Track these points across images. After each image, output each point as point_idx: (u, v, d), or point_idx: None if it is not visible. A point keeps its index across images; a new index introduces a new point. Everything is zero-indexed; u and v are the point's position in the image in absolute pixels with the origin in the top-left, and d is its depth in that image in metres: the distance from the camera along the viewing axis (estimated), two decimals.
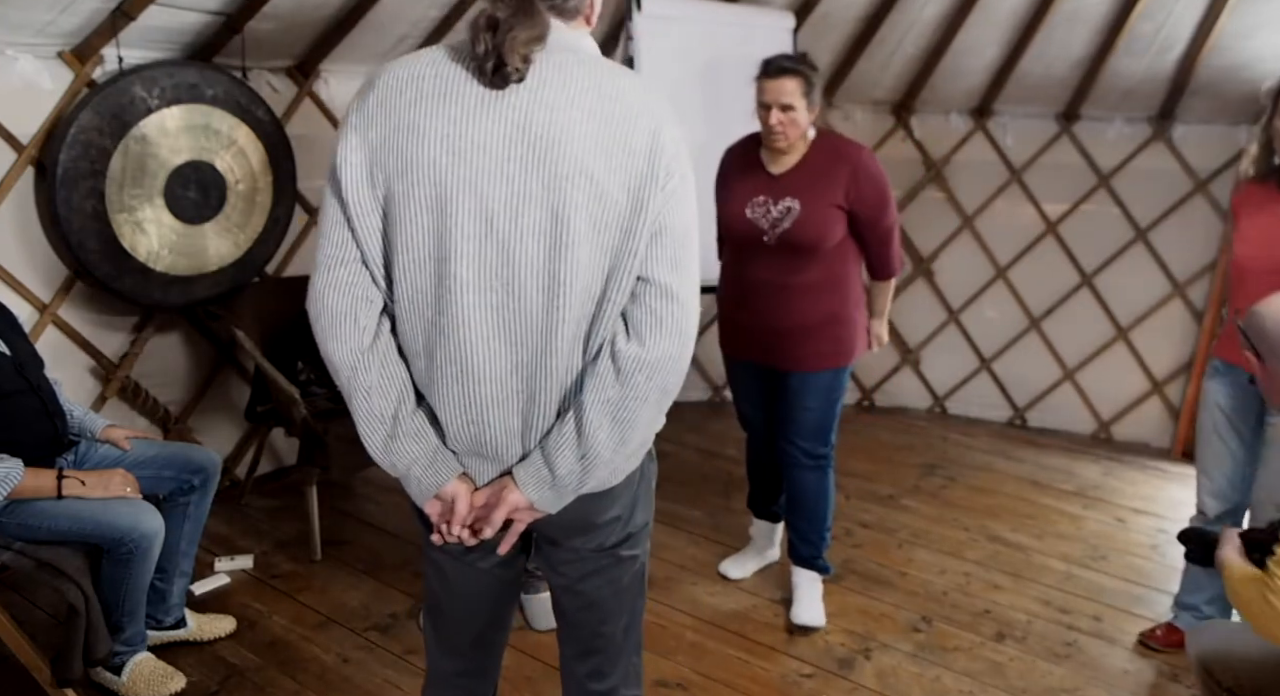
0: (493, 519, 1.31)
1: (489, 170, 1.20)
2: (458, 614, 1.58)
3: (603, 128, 1.20)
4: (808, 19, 4.04)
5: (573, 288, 1.22)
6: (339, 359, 1.28)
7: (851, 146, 2.55)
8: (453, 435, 1.33)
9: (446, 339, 1.26)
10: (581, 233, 1.20)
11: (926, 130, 4.58)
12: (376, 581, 2.95)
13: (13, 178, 2.69)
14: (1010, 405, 4.69)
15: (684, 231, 1.26)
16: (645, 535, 1.53)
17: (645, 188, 1.21)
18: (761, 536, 3.11)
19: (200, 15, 2.84)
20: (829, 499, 2.79)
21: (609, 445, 1.27)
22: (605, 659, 1.58)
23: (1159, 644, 2.73)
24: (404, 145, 1.21)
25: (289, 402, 2.94)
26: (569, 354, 1.27)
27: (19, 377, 2.21)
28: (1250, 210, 2.42)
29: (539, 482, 1.30)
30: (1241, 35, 3.63)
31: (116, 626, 2.25)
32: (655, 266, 1.24)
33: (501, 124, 1.20)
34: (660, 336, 1.25)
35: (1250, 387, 2.34)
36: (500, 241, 1.22)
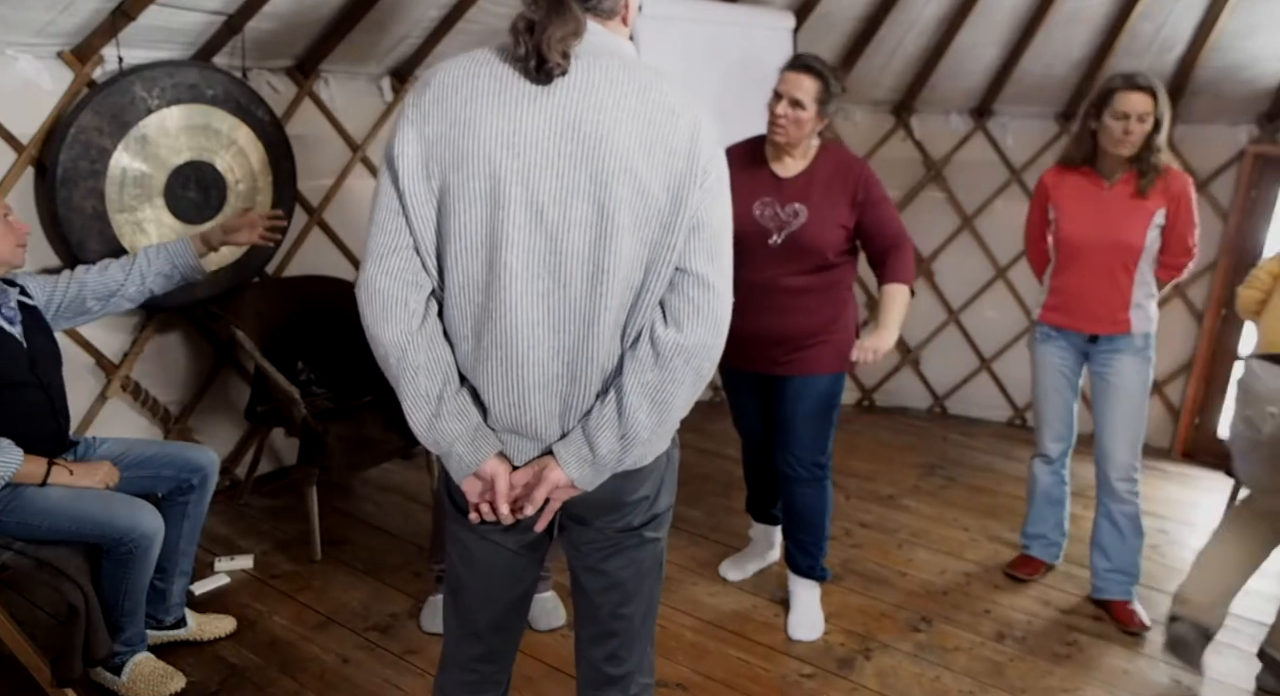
0: (534, 496, 1.37)
1: (540, 164, 1.27)
2: (479, 593, 1.60)
3: (646, 128, 1.27)
4: (808, 19, 4.04)
5: (615, 277, 1.29)
6: (389, 340, 1.34)
7: (855, 158, 2.59)
8: (495, 415, 1.38)
9: (494, 323, 1.32)
10: (624, 226, 1.28)
11: (926, 130, 4.58)
12: (376, 581, 2.95)
13: (13, 178, 2.69)
14: (1010, 405, 4.69)
15: (720, 226, 1.35)
16: (667, 519, 1.58)
17: (685, 186, 1.29)
18: (761, 539, 3.11)
19: (200, 15, 2.84)
20: (827, 511, 2.76)
21: (648, 425, 1.34)
22: (622, 643, 1.60)
23: (1021, 573, 3.12)
24: (460, 139, 1.28)
25: (289, 402, 2.94)
26: (609, 340, 1.34)
27: (30, 372, 2.21)
28: (1064, 196, 2.78)
29: (580, 461, 1.35)
30: (1241, 35, 3.64)
31: (116, 626, 2.25)
32: (693, 258, 1.32)
33: (552, 121, 1.27)
34: (697, 323, 1.33)
35: (1074, 350, 2.86)
36: (549, 232, 1.28)
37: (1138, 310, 2.74)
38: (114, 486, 2.26)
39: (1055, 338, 2.88)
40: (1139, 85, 2.58)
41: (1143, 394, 2.80)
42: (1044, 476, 3.07)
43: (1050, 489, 3.07)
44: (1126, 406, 2.80)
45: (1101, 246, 2.71)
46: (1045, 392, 2.96)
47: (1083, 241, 2.74)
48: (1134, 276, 2.71)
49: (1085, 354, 2.87)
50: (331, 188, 3.59)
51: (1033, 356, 2.97)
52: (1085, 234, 2.73)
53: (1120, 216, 2.69)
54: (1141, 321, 2.75)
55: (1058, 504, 3.10)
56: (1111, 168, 2.70)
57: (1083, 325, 2.81)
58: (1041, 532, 3.13)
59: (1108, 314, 2.75)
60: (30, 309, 2.29)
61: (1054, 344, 2.89)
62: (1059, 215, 2.80)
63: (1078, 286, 2.78)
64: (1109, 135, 2.62)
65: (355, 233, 3.72)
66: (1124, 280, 2.71)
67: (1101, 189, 2.71)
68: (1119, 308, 2.73)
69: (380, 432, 3.12)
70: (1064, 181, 2.80)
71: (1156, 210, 2.67)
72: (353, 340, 3.47)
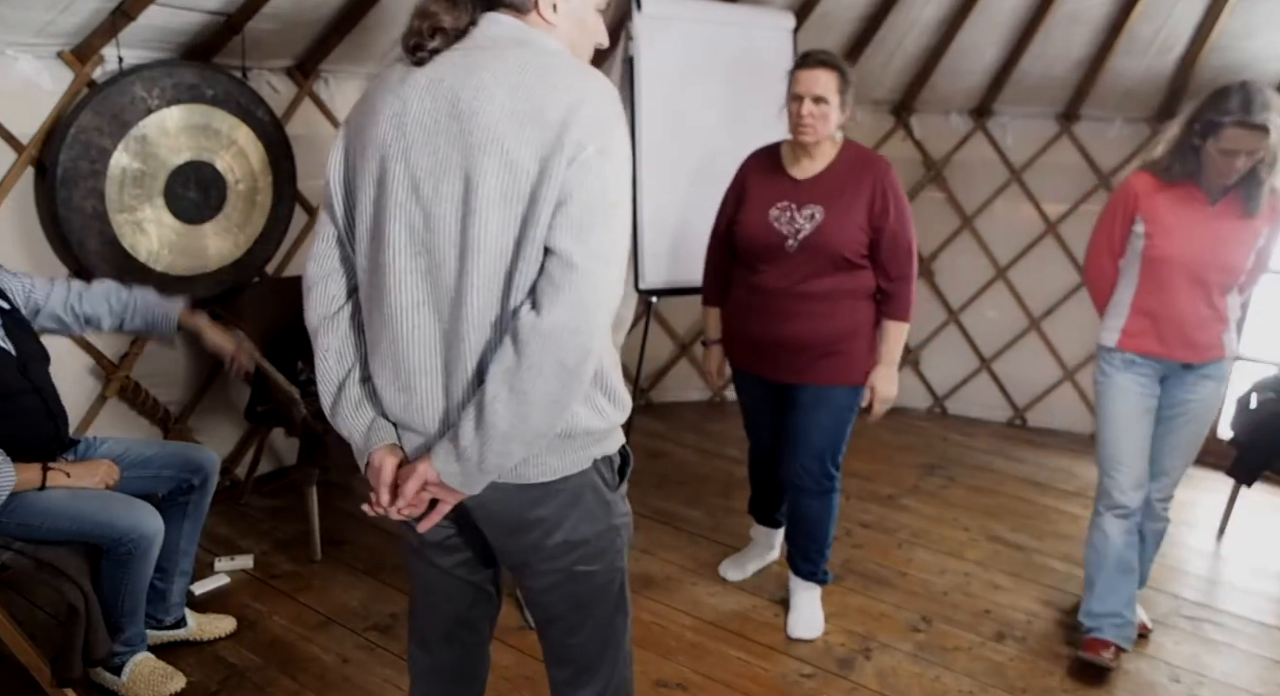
0: (404, 490, 1.33)
1: (420, 142, 1.28)
2: (423, 608, 1.64)
3: (521, 101, 1.23)
4: (808, 19, 4.04)
5: (481, 255, 1.25)
6: (309, 323, 1.42)
7: (879, 159, 2.51)
8: (387, 403, 1.39)
9: (383, 302, 1.33)
10: (491, 200, 1.24)
11: (926, 130, 4.58)
12: (376, 581, 2.95)
13: (13, 178, 2.69)
14: (1010, 405, 4.69)
15: (593, 203, 1.23)
16: (605, 551, 1.48)
17: (553, 158, 1.22)
18: (761, 540, 3.11)
19: (200, 15, 2.84)
20: (832, 519, 2.73)
21: (505, 416, 1.24)
22: (579, 669, 1.59)
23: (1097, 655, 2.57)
24: (365, 127, 1.33)
25: (289, 402, 2.94)
26: (481, 324, 1.28)
27: (23, 378, 2.20)
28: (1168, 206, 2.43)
29: (445, 454, 1.30)
30: (1241, 35, 3.64)
31: (116, 626, 2.24)
32: (559, 236, 1.23)
33: (437, 100, 1.27)
34: (557, 305, 1.22)
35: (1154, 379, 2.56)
36: (424, 208, 1.28)
37: (1233, 332, 2.53)
38: (114, 484, 2.26)
39: (1139, 365, 2.54)
40: (1252, 124, 2.22)
41: (1212, 418, 2.63)
42: (1118, 536, 2.59)
43: (1124, 553, 2.60)
44: (1198, 432, 2.59)
45: (1205, 268, 2.41)
46: (1124, 427, 2.57)
47: (1185, 261, 2.42)
48: (1228, 299, 2.48)
49: (1163, 380, 2.57)
50: None
51: (1104, 387, 2.60)
52: (1187, 254, 2.41)
53: (1227, 237, 2.40)
54: (1233, 344, 2.53)
55: (1131, 572, 2.62)
56: (1216, 185, 2.39)
57: (1178, 352, 2.49)
58: (1115, 610, 2.60)
59: (1206, 339, 2.48)
60: (9, 312, 2.26)
61: (1137, 372, 2.55)
62: (1152, 229, 2.45)
63: (1173, 310, 2.47)
64: (1213, 166, 2.33)
65: None
66: (1221, 303, 2.46)
67: (1205, 206, 2.40)
68: (1217, 332, 2.48)
69: None
70: (1159, 194, 2.44)
71: (1262, 230, 2.42)
72: None
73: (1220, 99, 2.28)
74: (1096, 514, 2.64)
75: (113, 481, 2.25)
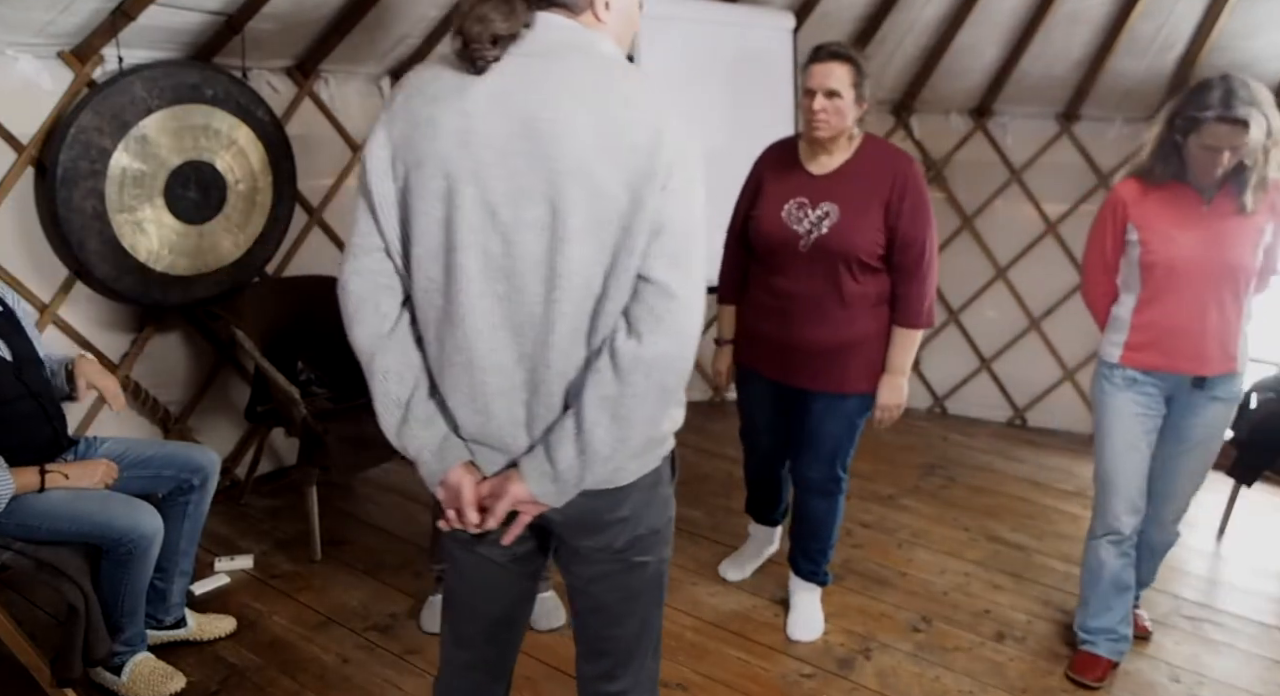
0: (495, 510, 1.34)
1: (492, 163, 1.22)
2: (468, 605, 1.59)
3: (605, 125, 1.21)
4: (808, 19, 4.04)
5: (570, 282, 1.24)
6: (360, 343, 1.34)
7: (902, 155, 2.43)
8: (461, 422, 1.35)
9: (455, 328, 1.29)
10: (579, 228, 1.22)
11: (926, 130, 4.58)
12: (376, 581, 2.95)
13: (13, 178, 2.69)
14: (1010, 405, 4.69)
15: (686, 231, 1.26)
16: (660, 541, 1.51)
17: (645, 186, 1.21)
18: (760, 536, 3.09)
19: (200, 15, 2.84)
20: (836, 521, 2.71)
21: (607, 442, 1.27)
22: (615, 662, 1.57)
23: (1089, 678, 2.55)
24: (420, 139, 1.25)
25: (289, 402, 2.94)
26: (569, 348, 1.28)
27: (18, 383, 2.19)
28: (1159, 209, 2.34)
29: (541, 475, 1.31)
30: (1241, 35, 3.63)
31: (116, 626, 2.24)
32: (654, 264, 1.24)
33: (508, 119, 1.22)
34: (659, 334, 1.24)
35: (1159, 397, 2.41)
36: (503, 234, 1.24)
37: (1243, 343, 2.37)
38: (114, 483, 2.26)
39: (1142, 382, 2.41)
40: (1233, 118, 2.13)
41: (1214, 452, 2.47)
42: (1111, 560, 2.54)
43: (1119, 575, 2.55)
44: (1206, 458, 2.45)
45: (1209, 271, 2.29)
46: (1120, 451, 2.45)
47: (1185, 266, 2.30)
48: (1243, 304, 2.32)
49: (1169, 399, 2.43)
50: (331, 188, 3.59)
51: (1102, 407, 2.48)
52: (1187, 257, 2.29)
53: (1228, 235, 2.28)
54: (1245, 357, 2.38)
55: (1126, 590, 2.58)
56: (1205, 183, 2.29)
57: (1184, 366, 2.35)
58: (1109, 627, 2.59)
59: (1218, 350, 2.33)
60: (2, 314, 2.26)
61: (1139, 391, 2.41)
62: (1147, 236, 2.34)
63: (1177, 319, 2.33)
64: (1197, 163, 2.24)
65: None
66: (1233, 309, 2.31)
67: (1199, 205, 2.29)
68: (1230, 342, 2.33)
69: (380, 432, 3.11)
70: (1147, 198, 2.35)
71: (1265, 226, 2.30)
72: None
73: (1200, 94, 2.20)
74: (1091, 535, 2.58)
75: (111, 480, 2.25)
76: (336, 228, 3.64)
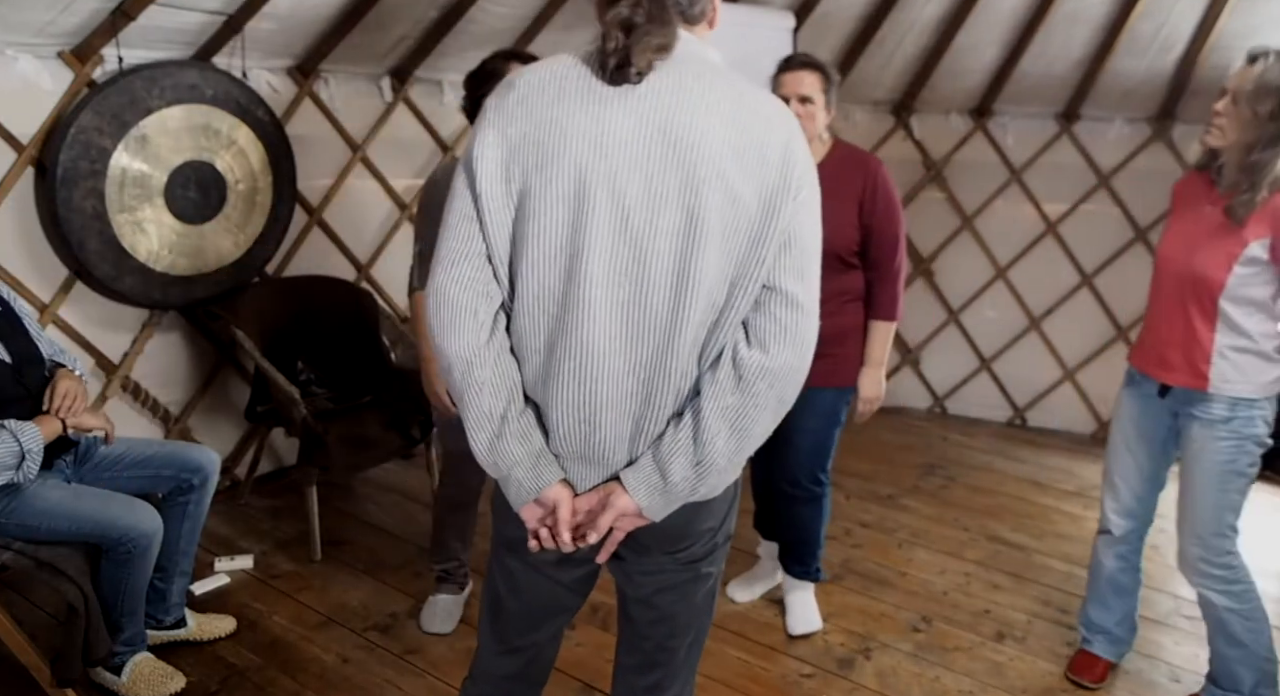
0: (598, 524, 1.30)
1: (628, 167, 1.21)
2: (520, 621, 1.55)
3: (739, 135, 1.22)
4: (808, 19, 4.03)
5: (700, 289, 1.23)
6: (455, 353, 1.27)
7: (870, 157, 2.53)
8: (561, 435, 1.31)
9: (569, 334, 1.26)
10: (713, 234, 1.22)
11: (926, 130, 4.58)
12: (376, 581, 2.95)
13: (13, 178, 2.69)
14: (1010, 405, 4.69)
15: (811, 243, 1.28)
16: (726, 550, 1.52)
17: (777, 196, 1.23)
18: (769, 557, 2.99)
19: (200, 15, 2.84)
20: (823, 523, 2.72)
21: (724, 453, 1.27)
22: (667, 674, 1.56)
23: (1086, 679, 2.53)
24: (546, 140, 1.22)
25: (289, 402, 2.94)
26: (688, 357, 1.27)
27: (18, 384, 2.18)
28: (1180, 204, 2.25)
29: (650, 488, 1.28)
30: (1241, 35, 3.63)
31: (116, 626, 2.24)
32: (783, 275, 1.25)
33: (644, 124, 1.21)
34: (784, 345, 1.26)
35: (1159, 402, 2.28)
36: (633, 238, 1.23)
37: (1223, 363, 2.12)
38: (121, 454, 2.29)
39: (1138, 381, 2.33)
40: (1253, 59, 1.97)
41: (1219, 478, 2.18)
42: (1107, 559, 2.48)
43: (1115, 576, 2.49)
44: (1199, 483, 2.22)
45: (1177, 274, 2.16)
46: (1115, 449, 2.41)
47: (1164, 262, 2.21)
48: (1213, 320, 2.11)
49: (1175, 413, 2.27)
50: (331, 188, 3.59)
51: (1115, 403, 2.44)
52: (1168, 254, 2.20)
53: (1201, 240, 2.11)
54: (1227, 380, 2.12)
55: (1125, 594, 2.51)
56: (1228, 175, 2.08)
57: (1152, 369, 2.26)
58: (1104, 626, 2.55)
59: (1183, 361, 2.17)
60: (2, 314, 2.24)
61: (1137, 390, 2.34)
62: (1165, 226, 2.28)
63: (1154, 320, 2.27)
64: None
65: (355, 233, 3.72)
66: (1200, 322, 2.13)
67: (1205, 202, 2.13)
68: (1197, 357, 2.14)
69: (380, 432, 3.12)
70: (1186, 187, 2.25)
71: (1252, 240, 2.03)
72: (353, 340, 3.49)
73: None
74: (1097, 534, 2.54)
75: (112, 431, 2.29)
76: (336, 228, 3.64)
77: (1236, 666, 2.30)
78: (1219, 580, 2.25)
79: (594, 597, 1.93)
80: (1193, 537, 2.25)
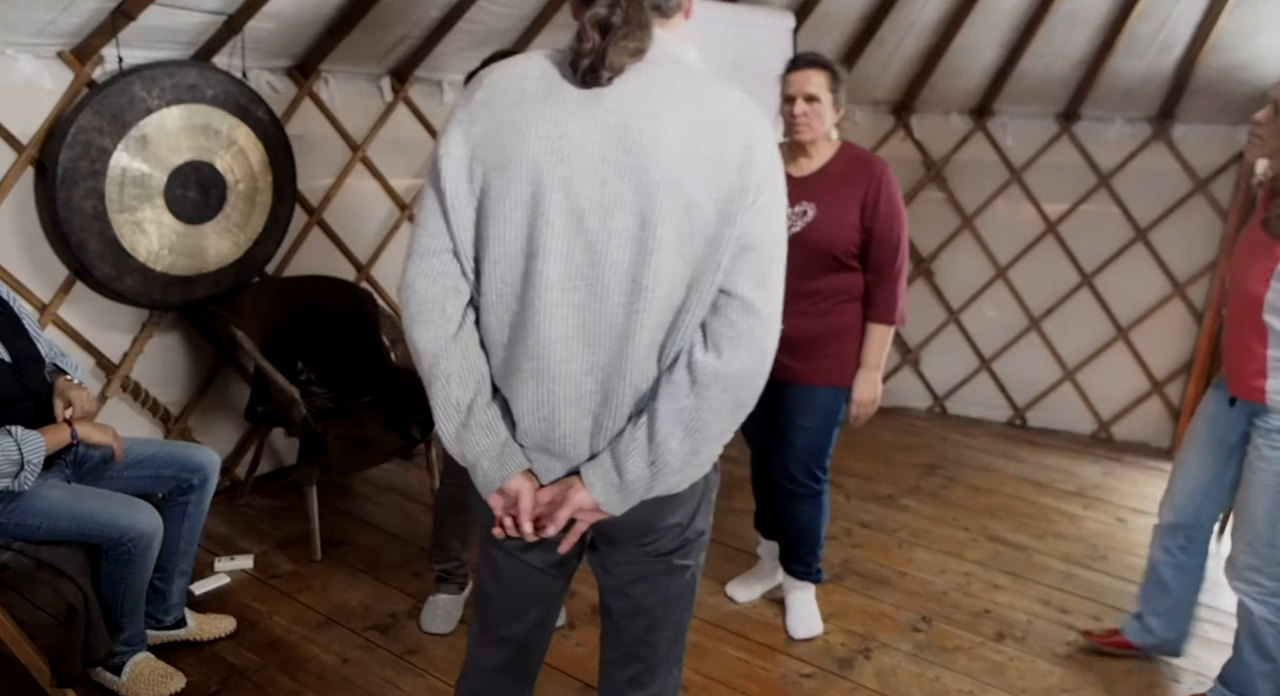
0: (557, 517, 1.33)
1: (584, 171, 1.21)
2: (504, 609, 1.58)
3: (698, 139, 1.21)
4: (808, 19, 4.04)
5: (654, 293, 1.23)
6: (423, 345, 1.31)
7: (877, 160, 2.51)
8: (524, 429, 1.34)
9: (527, 334, 1.28)
10: (667, 240, 1.22)
11: (926, 130, 4.59)
12: (376, 581, 2.95)
13: (13, 178, 2.69)
14: (1010, 405, 4.69)
15: (770, 248, 1.27)
16: (701, 545, 1.52)
17: (735, 201, 1.22)
18: (769, 557, 2.99)
19: (200, 15, 2.84)
20: (822, 522, 2.71)
21: (679, 454, 1.28)
22: (646, 668, 1.57)
23: (1094, 638, 2.70)
24: (505, 141, 1.23)
25: (289, 402, 2.94)
26: (645, 360, 1.28)
27: (17, 384, 2.19)
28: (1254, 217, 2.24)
29: (607, 484, 1.30)
30: (1241, 35, 3.64)
31: (116, 626, 2.25)
32: (739, 280, 1.25)
33: (600, 128, 1.21)
34: (739, 350, 1.25)
35: (1230, 411, 2.29)
36: (588, 241, 1.23)
37: (1277, 377, 2.12)
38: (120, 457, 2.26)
39: (1219, 388, 2.34)
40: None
41: (1273, 488, 2.16)
42: (1158, 553, 2.51)
43: (1157, 567, 2.52)
44: (1247, 498, 2.23)
45: (1235, 288, 2.19)
46: (1184, 449, 2.45)
47: (1229, 279, 2.23)
48: (1263, 334, 2.11)
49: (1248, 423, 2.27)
50: (331, 188, 3.59)
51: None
52: (1232, 268, 2.21)
53: (1249, 255, 2.14)
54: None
55: (1165, 589, 2.52)
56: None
57: (1227, 380, 2.29)
58: (1139, 611, 2.61)
59: (1241, 374, 2.20)
60: (2, 314, 2.24)
61: (1217, 392, 2.35)
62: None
63: (1226, 330, 2.29)
64: None
65: (355, 233, 3.72)
66: (1251, 337, 2.14)
67: (1260, 216, 2.17)
68: (1252, 371, 2.16)
69: (380, 432, 3.12)
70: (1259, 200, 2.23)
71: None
72: (353, 340, 3.49)
73: None
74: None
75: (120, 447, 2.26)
76: (336, 228, 3.64)
77: (1259, 678, 2.29)
78: (1265, 591, 2.24)
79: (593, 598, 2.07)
80: (1244, 545, 2.26)
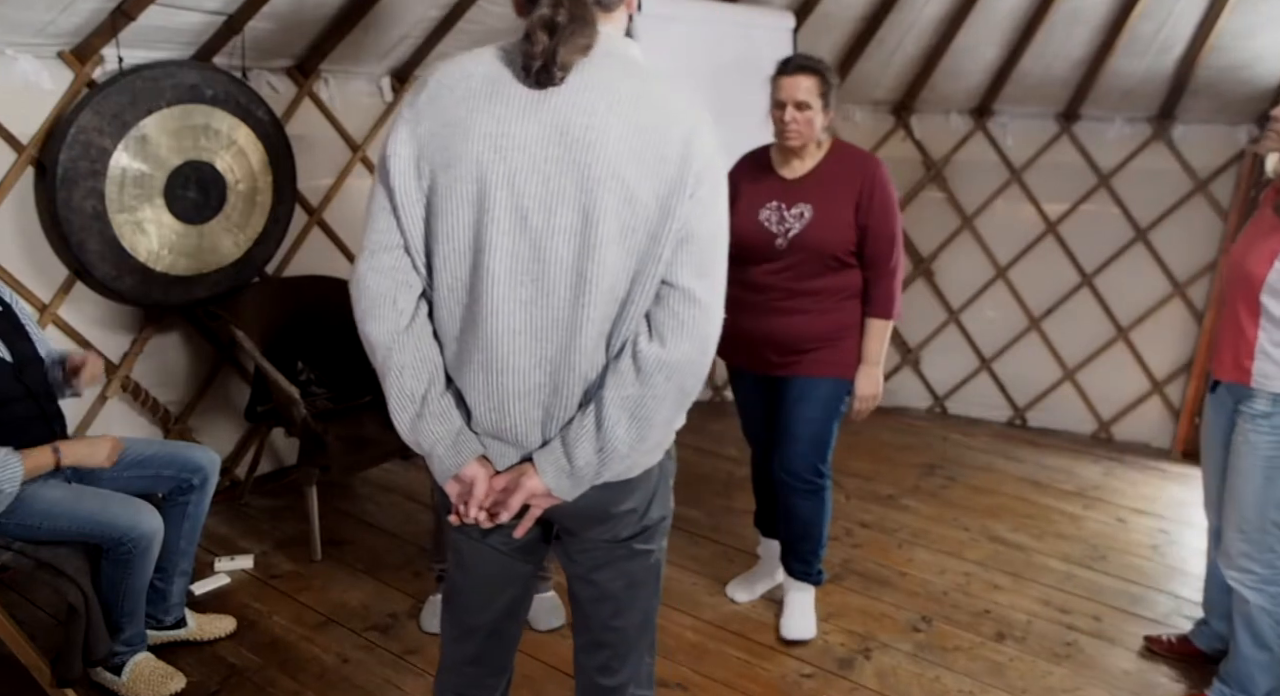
0: (510, 503, 1.36)
1: (526, 169, 1.24)
2: (471, 598, 1.60)
3: (638, 134, 1.23)
4: (808, 19, 4.04)
5: (598, 287, 1.26)
6: (376, 338, 1.34)
7: (869, 157, 2.54)
8: (477, 417, 1.37)
9: (477, 328, 1.31)
10: (610, 235, 1.24)
11: (926, 130, 4.58)
12: (376, 581, 2.95)
13: (13, 178, 2.69)
14: (1010, 405, 4.69)
15: (711, 239, 1.30)
16: (661, 532, 1.55)
17: (674, 195, 1.25)
18: (769, 557, 2.99)
19: (200, 15, 2.84)
20: (824, 520, 2.71)
21: (626, 440, 1.31)
22: (615, 654, 1.60)
23: (1169, 652, 2.68)
24: (450, 140, 1.26)
25: (289, 402, 2.94)
26: (593, 351, 1.31)
27: (17, 384, 2.19)
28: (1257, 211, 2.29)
29: (557, 471, 1.33)
30: (1241, 35, 3.63)
31: (116, 626, 2.25)
32: (680, 271, 1.28)
33: (542, 125, 1.24)
34: (681, 338, 1.28)
35: (1217, 399, 2.35)
36: (532, 238, 1.26)
37: (1264, 359, 2.17)
38: (122, 454, 2.26)
39: (1215, 389, 2.38)
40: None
41: (1261, 472, 2.19)
42: (1211, 550, 2.54)
43: (1213, 566, 2.53)
44: (1236, 483, 2.26)
45: (1231, 273, 2.26)
46: (1202, 447, 2.47)
47: (1228, 263, 2.30)
48: (1258, 315, 2.17)
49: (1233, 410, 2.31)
50: (331, 188, 3.59)
51: None
52: (1232, 254, 2.28)
53: (1256, 239, 2.20)
54: (1267, 376, 2.17)
55: (1225, 591, 2.43)
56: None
57: (1213, 366, 2.35)
58: (1205, 617, 2.63)
59: (1231, 356, 2.24)
60: (2, 313, 2.25)
61: (1214, 397, 2.39)
62: None
63: (1220, 319, 2.34)
64: None
65: (356, 233, 3.70)
66: (1246, 318, 2.20)
67: (1270, 204, 2.22)
68: (1242, 352, 2.20)
69: (380, 432, 3.12)
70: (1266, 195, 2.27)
71: None
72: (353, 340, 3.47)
73: None
74: None
75: (117, 456, 2.25)
76: (336, 228, 3.64)
77: (1255, 669, 2.30)
78: (1258, 578, 2.25)
79: None
80: (1235, 531, 2.28)
